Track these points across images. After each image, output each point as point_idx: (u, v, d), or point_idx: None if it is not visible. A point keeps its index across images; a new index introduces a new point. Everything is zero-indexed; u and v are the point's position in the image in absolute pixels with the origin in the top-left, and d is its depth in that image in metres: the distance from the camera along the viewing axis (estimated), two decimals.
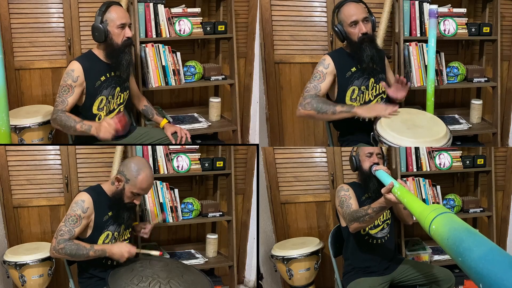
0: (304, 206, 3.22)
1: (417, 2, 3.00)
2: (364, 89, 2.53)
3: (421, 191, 3.08)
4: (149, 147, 2.94)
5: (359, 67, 2.51)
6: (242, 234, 3.32)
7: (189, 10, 3.03)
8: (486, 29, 3.10)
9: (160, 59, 2.95)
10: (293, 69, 3.20)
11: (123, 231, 2.39)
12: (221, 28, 3.08)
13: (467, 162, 3.15)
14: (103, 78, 2.47)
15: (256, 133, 3.24)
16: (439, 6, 2.99)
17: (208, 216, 3.14)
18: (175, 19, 2.98)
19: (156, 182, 2.98)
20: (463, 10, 3.10)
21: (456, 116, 3.26)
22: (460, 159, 3.15)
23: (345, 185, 2.56)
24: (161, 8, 2.92)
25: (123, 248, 2.26)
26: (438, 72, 3.08)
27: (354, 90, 2.52)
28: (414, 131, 2.30)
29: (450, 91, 3.37)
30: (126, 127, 2.41)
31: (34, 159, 2.98)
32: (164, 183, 3.00)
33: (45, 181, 3.00)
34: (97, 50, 2.49)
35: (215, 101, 3.21)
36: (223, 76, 3.16)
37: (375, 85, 2.55)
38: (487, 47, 3.21)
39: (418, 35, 3.03)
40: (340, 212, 2.51)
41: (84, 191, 2.32)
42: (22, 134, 2.72)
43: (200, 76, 3.12)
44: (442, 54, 3.10)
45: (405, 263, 2.59)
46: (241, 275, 3.36)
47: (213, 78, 3.13)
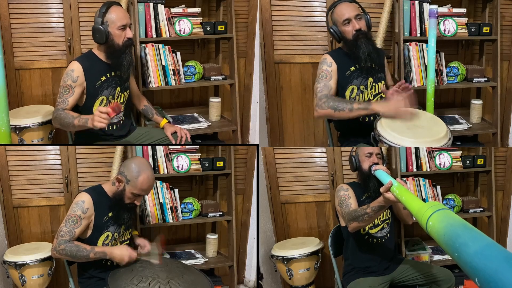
0: (304, 206, 3.22)
1: (417, 2, 3.00)
2: (363, 89, 2.53)
3: (421, 191, 3.08)
4: (149, 147, 2.94)
5: (358, 67, 2.51)
6: (242, 234, 3.32)
7: (189, 10, 3.03)
8: (486, 29, 3.10)
9: (160, 59, 2.95)
10: (293, 69, 3.20)
11: (123, 232, 2.39)
12: (221, 28, 3.08)
13: (467, 162, 3.15)
14: (104, 78, 2.47)
15: (256, 133, 3.24)
16: (439, 6, 2.99)
17: (208, 216, 3.14)
18: (175, 19, 2.98)
19: (156, 182, 2.98)
20: (463, 10, 3.10)
21: (456, 116, 3.26)
22: (460, 159, 3.15)
23: (345, 185, 2.56)
24: (161, 8, 2.92)
25: (124, 252, 2.25)
26: (438, 72, 3.08)
27: (353, 90, 2.52)
28: (415, 131, 2.30)
29: (450, 91, 3.37)
30: (117, 110, 2.30)
31: (34, 159, 2.98)
32: (164, 183, 3.00)
33: (45, 181, 3.00)
34: (97, 50, 2.49)
35: (215, 101, 3.21)
36: (223, 76, 3.16)
37: (374, 85, 2.55)
38: (487, 47, 3.21)
39: (418, 35, 3.03)
40: (340, 212, 2.51)
41: (85, 192, 2.31)
42: (22, 134, 2.72)
43: (200, 76, 3.12)
44: (442, 54, 3.10)
45: (405, 263, 2.59)
46: (241, 275, 3.36)
47: (213, 78, 3.13)
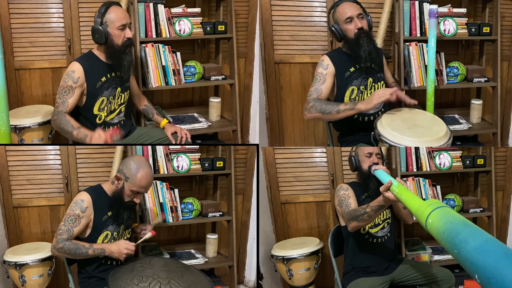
0: (304, 206, 3.22)
1: (417, 2, 3.00)
2: (363, 89, 2.53)
3: (421, 191, 3.08)
4: (149, 147, 2.94)
5: (358, 67, 2.51)
6: (242, 234, 3.32)
7: (189, 10, 3.02)
8: (486, 29, 3.10)
9: (160, 59, 2.95)
10: (293, 69, 3.20)
11: (123, 231, 2.39)
12: (221, 28, 3.08)
13: (467, 162, 3.15)
14: (104, 79, 2.47)
15: (256, 133, 3.24)
16: (439, 6, 2.99)
17: (208, 216, 3.14)
18: (175, 19, 2.98)
19: (156, 182, 2.98)
20: (463, 10, 3.09)
21: (456, 116, 3.26)
22: (460, 159, 3.14)
23: (345, 185, 2.56)
24: (161, 8, 2.92)
25: (121, 245, 2.25)
26: (438, 72, 3.07)
27: (353, 90, 2.52)
28: (415, 131, 2.31)
29: (450, 91, 3.37)
30: (114, 138, 2.35)
31: (34, 159, 2.98)
32: (164, 183, 3.00)
33: (45, 181, 3.00)
34: (98, 51, 2.48)
35: (215, 101, 3.21)
36: (223, 76, 3.16)
37: (374, 85, 2.55)
38: (487, 47, 3.21)
39: (418, 35, 3.03)
40: (339, 212, 2.51)
41: (84, 191, 2.32)
42: (22, 134, 2.72)
43: (200, 76, 3.12)
44: (442, 54, 3.10)
45: (405, 263, 2.59)
46: (241, 275, 3.36)
47: (213, 78, 3.13)
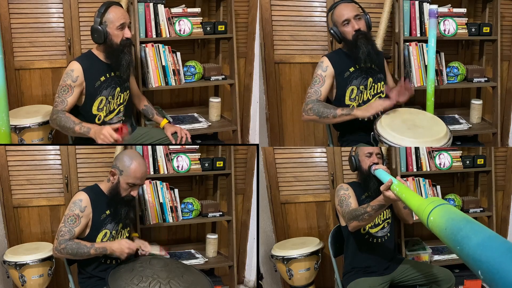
0: (304, 206, 3.22)
1: (417, 2, 3.00)
2: (363, 89, 2.54)
3: (421, 191, 3.08)
4: (149, 147, 2.94)
5: (357, 67, 2.52)
6: (242, 234, 3.32)
7: (189, 10, 3.02)
8: (486, 29, 3.09)
9: (160, 59, 2.95)
10: (293, 69, 3.20)
11: (121, 230, 2.39)
12: (221, 28, 3.08)
13: (467, 162, 3.15)
14: (103, 79, 2.47)
15: (256, 133, 3.24)
16: (439, 6, 2.99)
17: (208, 216, 3.14)
18: (175, 19, 2.98)
19: (156, 182, 2.98)
20: (463, 10, 3.09)
21: (456, 116, 3.26)
22: (460, 159, 3.14)
23: (345, 184, 2.56)
24: (161, 8, 2.92)
25: (123, 244, 2.26)
26: (438, 72, 3.07)
27: (353, 90, 2.52)
28: (415, 131, 2.31)
29: (450, 91, 3.36)
30: (126, 137, 2.37)
31: (34, 159, 2.98)
32: (164, 183, 3.00)
33: (45, 181, 3.00)
34: (97, 51, 2.49)
35: (215, 101, 3.21)
36: (223, 76, 3.16)
37: (374, 85, 2.56)
38: (487, 47, 3.21)
39: (418, 35, 3.03)
40: (340, 211, 2.51)
41: (82, 191, 2.33)
42: (22, 134, 2.72)
43: (200, 76, 3.12)
44: (442, 54, 3.10)
45: (405, 263, 2.59)
46: (241, 275, 3.36)
47: (213, 78, 3.13)
